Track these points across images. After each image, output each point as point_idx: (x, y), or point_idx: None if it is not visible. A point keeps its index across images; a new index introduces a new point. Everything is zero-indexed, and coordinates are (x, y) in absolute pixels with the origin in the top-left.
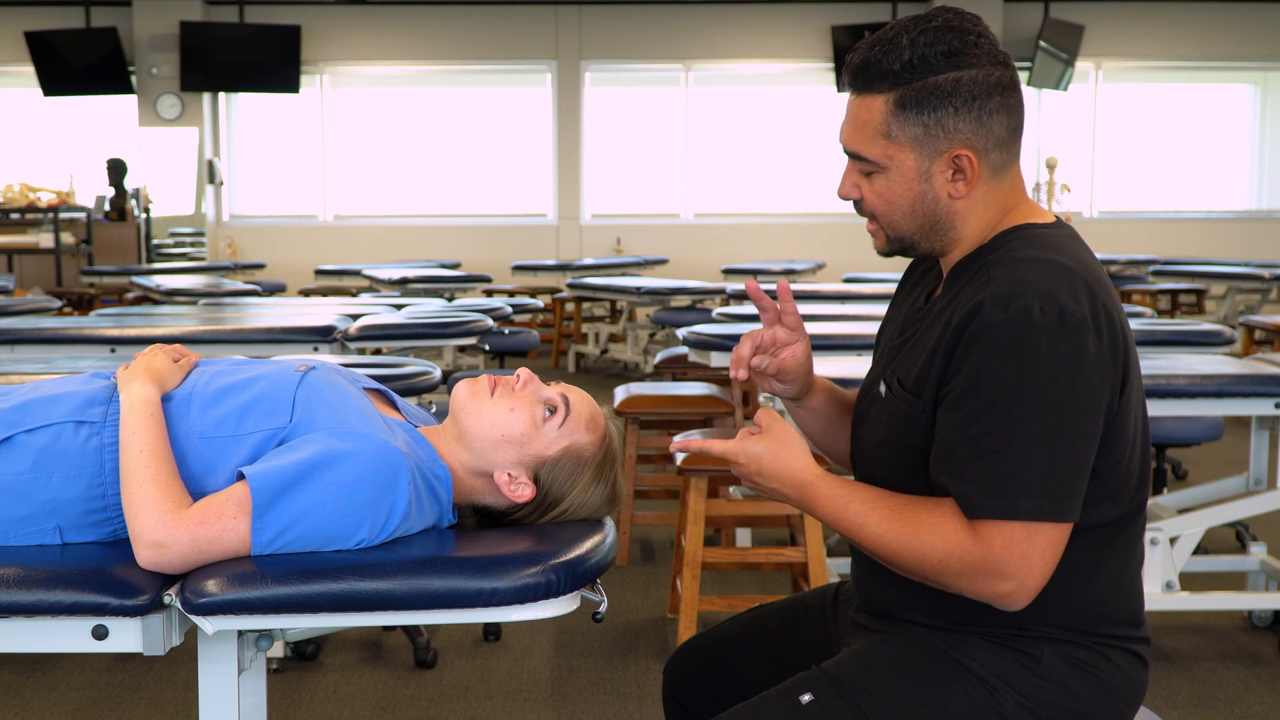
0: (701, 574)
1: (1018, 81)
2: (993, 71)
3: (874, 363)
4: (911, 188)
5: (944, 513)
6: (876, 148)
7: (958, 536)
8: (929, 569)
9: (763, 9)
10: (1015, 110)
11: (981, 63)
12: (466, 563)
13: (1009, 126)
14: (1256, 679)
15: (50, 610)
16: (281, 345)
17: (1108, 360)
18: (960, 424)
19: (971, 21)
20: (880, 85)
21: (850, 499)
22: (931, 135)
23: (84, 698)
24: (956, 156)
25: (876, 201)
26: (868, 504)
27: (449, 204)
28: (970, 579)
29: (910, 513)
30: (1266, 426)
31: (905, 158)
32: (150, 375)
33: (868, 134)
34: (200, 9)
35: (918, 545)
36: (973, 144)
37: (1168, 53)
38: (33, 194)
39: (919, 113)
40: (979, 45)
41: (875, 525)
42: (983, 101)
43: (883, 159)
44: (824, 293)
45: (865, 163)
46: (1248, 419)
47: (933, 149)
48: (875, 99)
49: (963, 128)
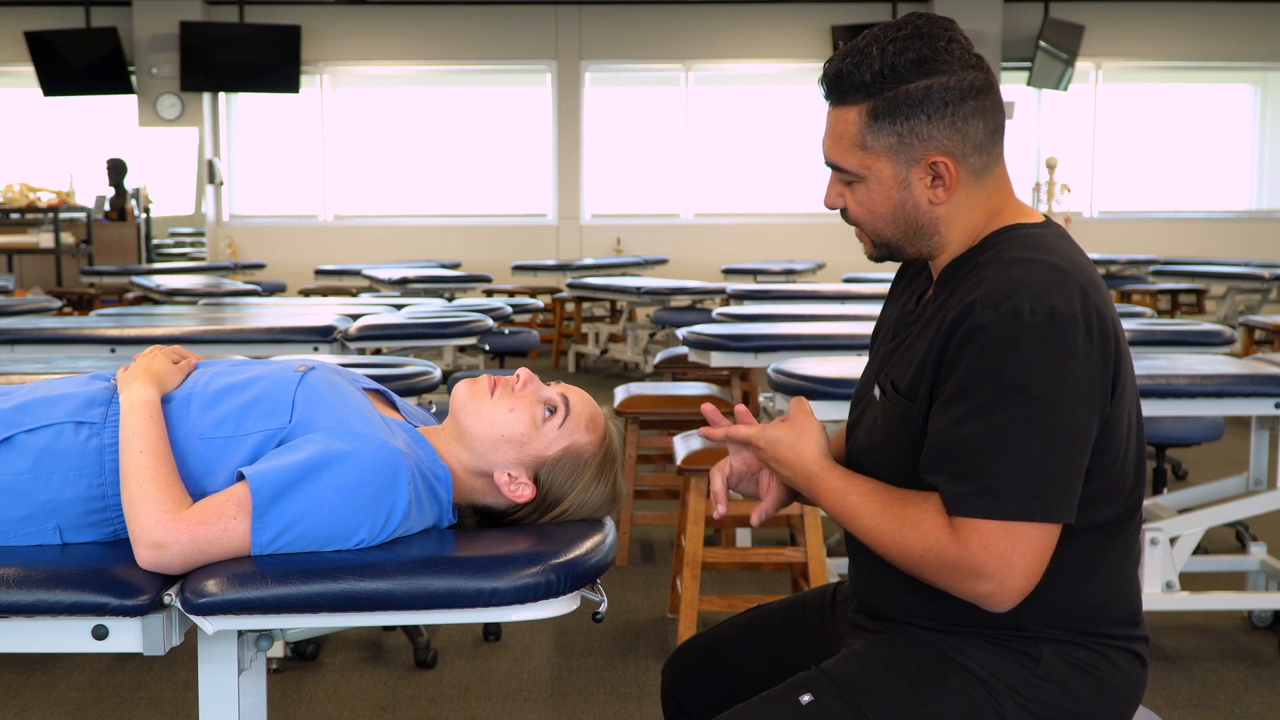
0: (701, 574)
1: (994, 83)
2: (965, 76)
3: (868, 366)
4: (891, 196)
5: (929, 509)
6: (854, 159)
7: (937, 534)
8: (913, 564)
9: (763, 9)
10: (992, 113)
11: (953, 68)
12: (466, 563)
13: (986, 129)
14: (1256, 679)
15: (50, 610)
16: (281, 345)
17: (1098, 361)
18: (950, 424)
19: (942, 27)
20: (853, 97)
21: (849, 491)
22: (906, 144)
23: (84, 698)
24: (933, 163)
25: (859, 210)
26: (864, 496)
27: (449, 204)
28: (950, 576)
29: (899, 507)
30: (1266, 426)
31: (882, 167)
32: (150, 376)
33: (844, 145)
34: (200, 9)
35: (902, 540)
36: (949, 150)
37: (1168, 53)
38: (33, 194)
39: (892, 122)
40: (949, 50)
41: (869, 518)
42: (955, 107)
43: (860, 169)
44: (824, 293)
45: (845, 173)
46: (1248, 419)
47: (909, 157)
48: (849, 110)
49: (937, 134)
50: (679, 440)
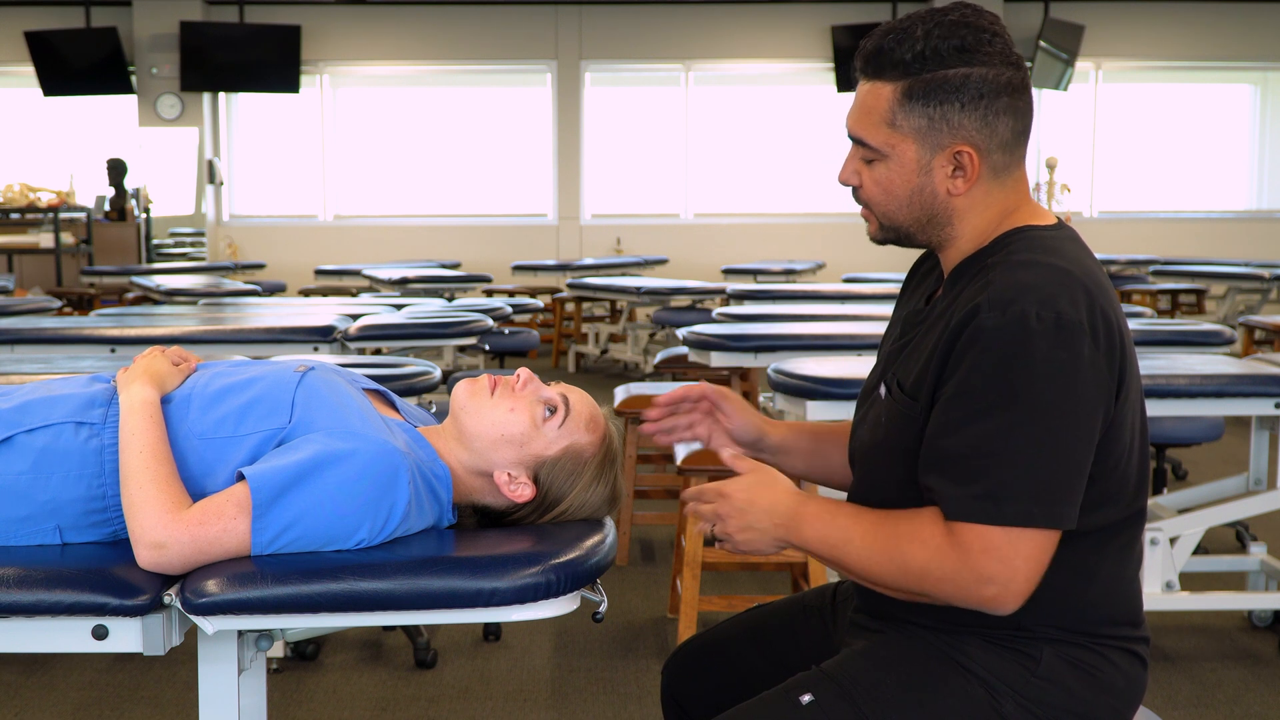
0: (701, 574)
1: (1028, 85)
2: (1003, 72)
3: (876, 364)
4: (910, 179)
5: (923, 520)
6: (880, 135)
7: (935, 542)
8: (913, 580)
9: (763, 9)
10: (1022, 114)
11: (993, 62)
12: (466, 563)
13: (1014, 129)
14: (1256, 679)
15: (50, 610)
16: (281, 345)
17: (1103, 365)
18: (952, 427)
19: (989, 20)
20: (890, 73)
21: (837, 513)
22: (935, 128)
23: (84, 698)
24: (958, 152)
25: (874, 189)
26: (852, 516)
27: (449, 204)
28: (954, 585)
29: (891, 523)
30: (1266, 426)
31: (907, 148)
32: (150, 377)
33: (873, 120)
34: (200, 9)
35: (899, 555)
36: (975, 141)
37: (1168, 53)
38: (33, 194)
39: (925, 104)
40: (992, 44)
41: (860, 537)
42: (990, 100)
43: (884, 147)
44: (824, 293)
45: (867, 149)
46: (1248, 419)
47: (935, 142)
48: (884, 86)
49: (967, 124)
50: None
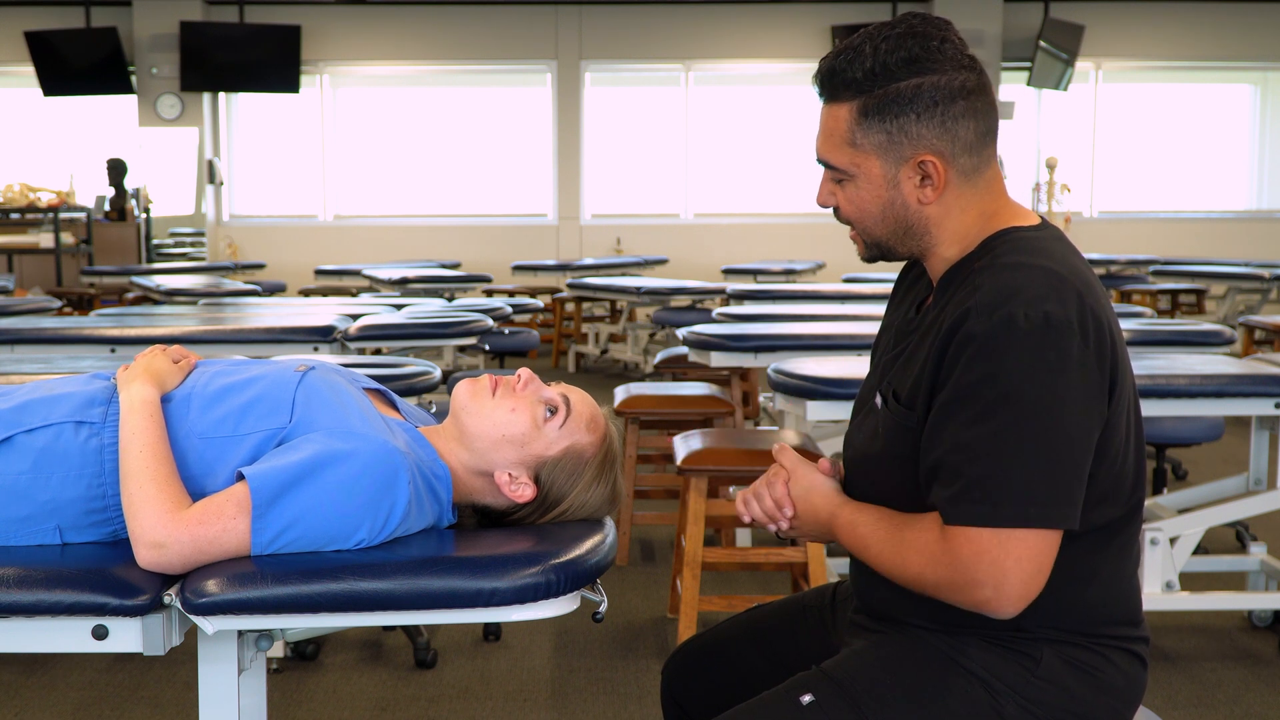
0: (701, 574)
1: (986, 85)
2: (956, 76)
3: (870, 373)
4: (880, 195)
5: (925, 526)
6: (844, 156)
7: (931, 549)
8: (914, 582)
9: (763, 9)
10: (984, 114)
11: (944, 68)
12: (466, 563)
13: (977, 130)
14: (1256, 679)
15: (50, 610)
16: (281, 345)
17: (1094, 365)
18: (946, 433)
19: (937, 27)
20: (845, 94)
21: (857, 523)
22: (895, 142)
23: (84, 698)
24: (922, 162)
25: (850, 208)
26: (869, 525)
27: (449, 204)
28: (948, 588)
29: (899, 531)
30: (1266, 426)
31: (872, 165)
32: (150, 376)
33: (835, 142)
34: (200, 9)
35: (902, 560)
36: (938, 149)
37: (1168, 53)
38: (33, 194)
39: (881, 120)
40: (942, 50)
41: (874, 544)
42: (945, 106)
43: (850, 167)
44: (824, 293)
45: (835, 171)
46: (1248, 419)
47: (897, 156)
48: (840, 107)
49: (926, 133)
50: (679, 440)
